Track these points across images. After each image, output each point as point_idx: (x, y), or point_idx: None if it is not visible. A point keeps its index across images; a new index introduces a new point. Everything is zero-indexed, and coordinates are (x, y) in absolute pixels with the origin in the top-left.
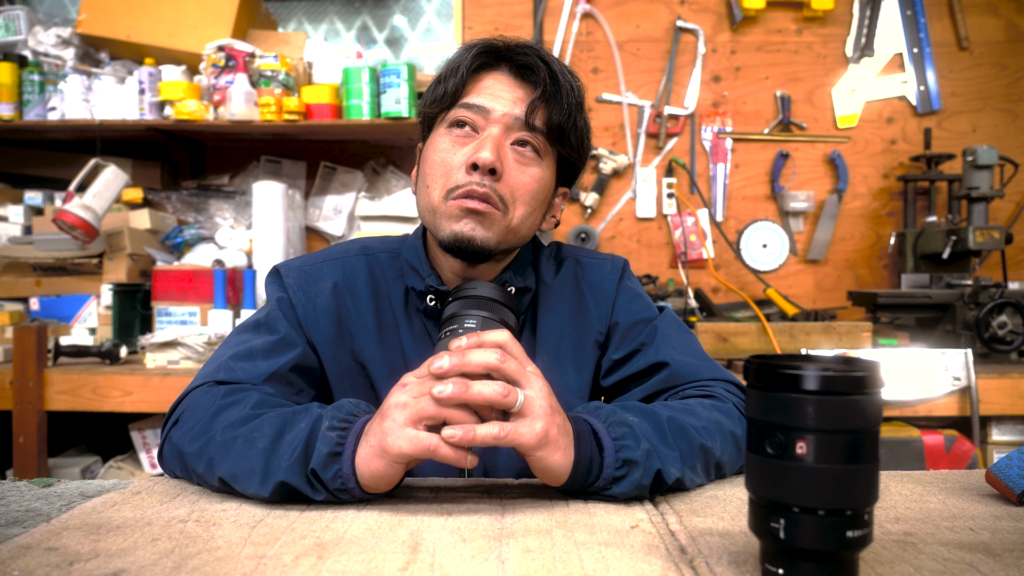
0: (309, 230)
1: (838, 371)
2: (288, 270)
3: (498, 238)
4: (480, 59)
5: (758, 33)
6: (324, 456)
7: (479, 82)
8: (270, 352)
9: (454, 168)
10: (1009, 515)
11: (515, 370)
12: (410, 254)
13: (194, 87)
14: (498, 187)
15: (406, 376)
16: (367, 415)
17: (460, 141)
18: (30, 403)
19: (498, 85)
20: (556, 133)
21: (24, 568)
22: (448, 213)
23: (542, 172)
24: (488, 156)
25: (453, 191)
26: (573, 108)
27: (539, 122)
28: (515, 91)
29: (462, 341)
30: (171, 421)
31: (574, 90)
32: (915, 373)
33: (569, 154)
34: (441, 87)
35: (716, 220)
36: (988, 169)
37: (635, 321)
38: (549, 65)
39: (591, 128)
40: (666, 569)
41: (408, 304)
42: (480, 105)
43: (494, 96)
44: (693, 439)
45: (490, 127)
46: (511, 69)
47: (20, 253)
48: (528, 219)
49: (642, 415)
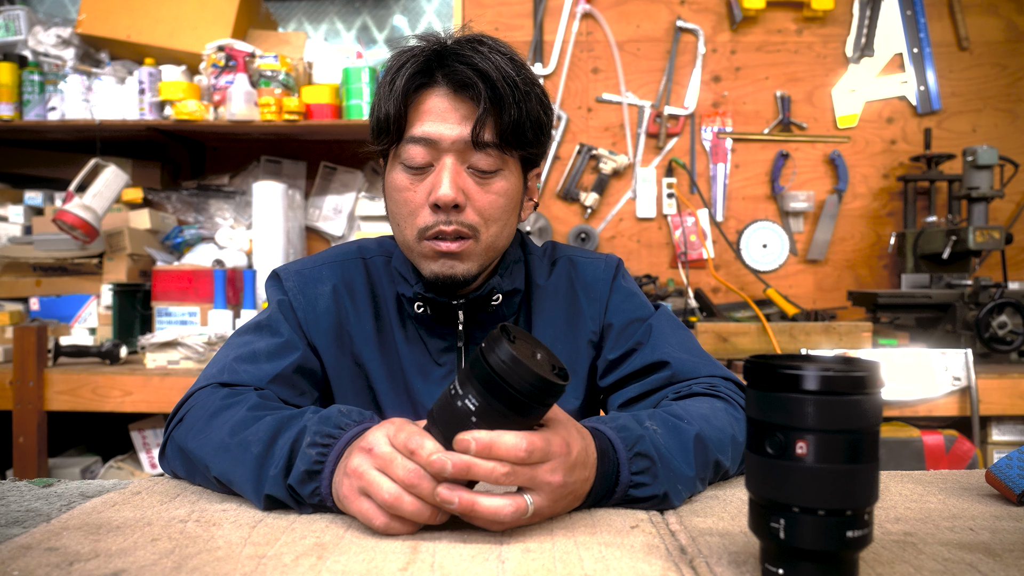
0: (309, 230)
1: (838, 371)
2: (287, 274)
3: (479, 263)
4: (416, 80)
5: (758, 33)
6: (301, 473)
7: (420, 106)
8: (273, 354)
9: (418, 206)
10: (1009, 515)
11: (525, 481)
12: (399, 261)
13: (194, 87)
14: (465, 218)
15: (399, 432)
16: (358, 427)
17: (418, 176)
18: (30, 403)
19: (440, 104)
20: (511, 137)
21: (24, 568)
22: (423, 254)
23: (506, 183)
24: (448, 193)
25: (424, 231)
26: (521, 103)
27: (489, 136)
28: (457, 109)
29: (471, 444)
30: (174, 421)
31: (518, 83)
32: (915, 373)
33: (529, 151)
34: (381, 113)
35: (716, 220)
36: (988, 169)
37: (629, 320)
38: (484, 73)
39: (548, 99)
40: (666, 569)
41: (401, 309)
42: (427, 136)
43: (439, 119)
44: (711, 455)
45: (444, 158)
46: (449, 86)
47: (20, 253)
48: (503, 231)
49: (668, 431)
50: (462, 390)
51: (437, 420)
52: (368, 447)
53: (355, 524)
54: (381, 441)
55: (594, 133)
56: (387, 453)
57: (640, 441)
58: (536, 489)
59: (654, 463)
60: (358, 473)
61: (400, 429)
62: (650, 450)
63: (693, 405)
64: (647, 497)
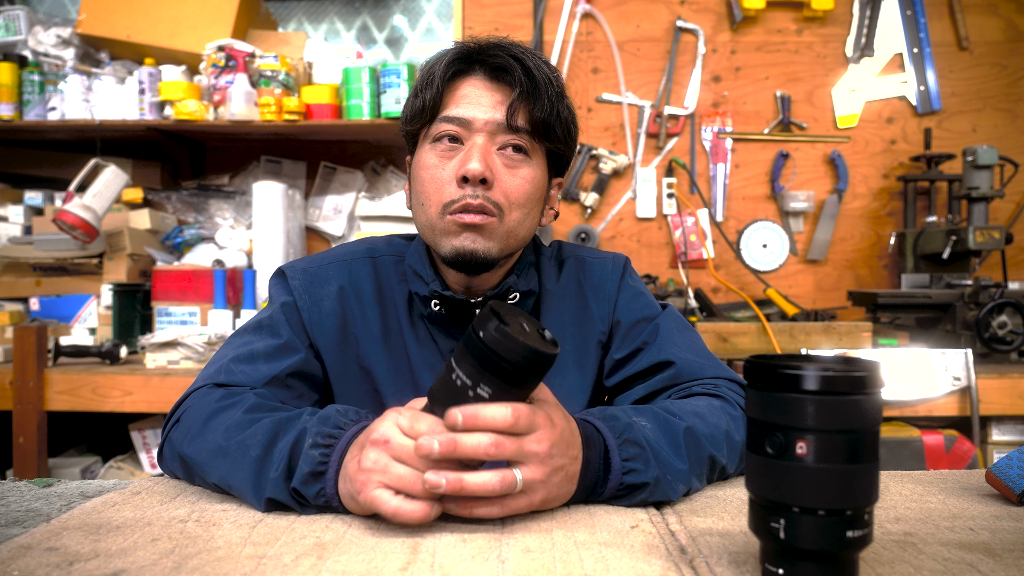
0: (309, 230)
1: (838, 371)
2: (293, 272)
3: (500, 246)
4: (454, 66)
5: (758, 33)
6: (305, 475)
7: (456, 91)
8: (271, 356)
9: (445, 183)
10: (1009, 515)
11: (512, 452)
12: (414, 259)
13: (194, 87)
14: (491, 195)
15: (400, 416)
16: (356, 425)
17: (446, 155)
18: (30, 403)
19: (475, 91)
20: (541, 129)
21: (24, 568)
22: (446, 229)
23: (533, 171)
24: (477, 167)
25: (448, 206)
26: (554, 100)
27: (522, 122)
28: (493, 95)
29: (458, 417)
30: (171, 422)
31: (552, 82)
32: (915, 373)
33: (557, 147)
34: (419, 100)
35: (716, 220)
36: (988, 169)
37: (637, 320)
38: (523, 62)
39: (576, 115)
40: (666, 569)
41: (412, 309)
42: (460, 117)
43: (473, 104)
44: (704, 450)
45: (474, 137)
46: (486, 72)
47: (20, 253)
48: (526, 220)
49: (658, 425)
50: (458, 367)
51: (436, 398)
52: (384, 439)
53: (355, 524)
54: (394, 432)
55: (594, 133)
56: (406, 445)
57: (628, 429)
58: (524, 461)
59: (644, 449)
60: (381, 468)
61: (401, 415)
62: (639, 438)
63: (688, 403)
64: (641, 484)
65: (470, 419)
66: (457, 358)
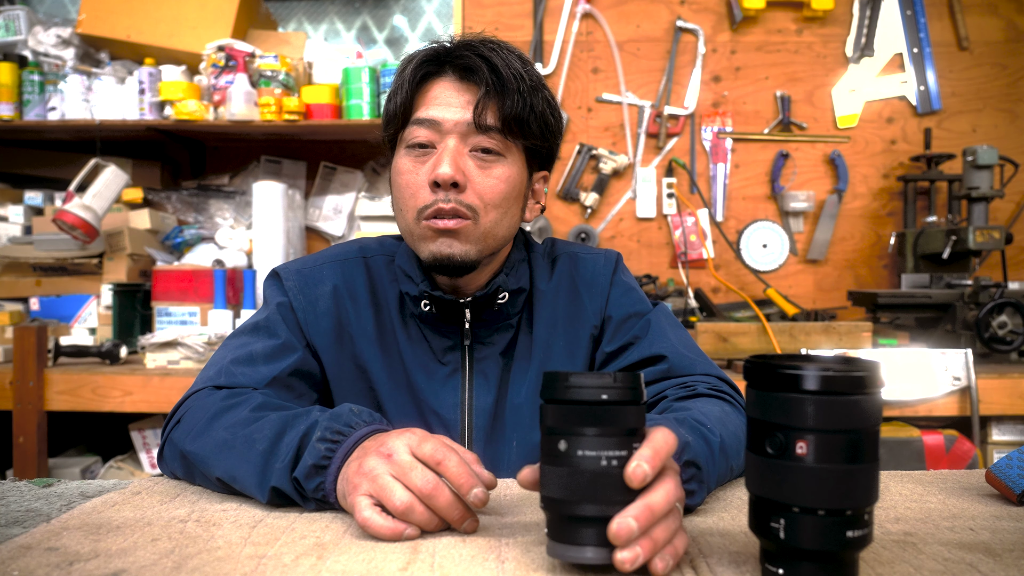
0: (309, 230)
1: (838, 371)
2: (287, 273)
3: (478, 248)
4: (423, 69)
5: (758, 33)
6: (308, 467)
7: (427, 93)
8: (271, 357)
9: (419, 188)
10: (1009, 515)
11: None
12: (403, 260)
13: (194, 87)
14: (464, 198)
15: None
16: (366, 427)
17: (420, 160)
18: (30, 403)
19: (445, 93)
20: (513, 126)
21: (24, 568)
22: (423, 235)
23: (508, 170)
24: (447, 171)
25: (423, 211)
26: (526, 95)
27: (492, 120)
28: (462, 95)
29: (632, 526)
30: (172, 422)
31: (524, 77)
32: (915, 373)
33: (534, 142)
34: (391, 104)
35: (716, 220)
36: (988, 169)
37: (628, 315)
38: (489, 60)
39: (558, 106)
40: None
41: (404, 308)
42: (430, 119)
43: (443, 105)
44: (728, 463)
45: (446, 139)
46: (455, 73)
47: (20, 253)
48: (504, 220)
49: (700, 442)
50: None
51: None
52: (388, 452)
53: (355, 524)
54: (401, 449)
55: (594, 133)
56: (407, 462)
57: (687, 448)
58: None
59: (700, 470)
60: (372, 476)
61: (424, 440)
62: (697, 458)
63: (707, 408)
64: (692, 507)
65: (645, 516)
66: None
